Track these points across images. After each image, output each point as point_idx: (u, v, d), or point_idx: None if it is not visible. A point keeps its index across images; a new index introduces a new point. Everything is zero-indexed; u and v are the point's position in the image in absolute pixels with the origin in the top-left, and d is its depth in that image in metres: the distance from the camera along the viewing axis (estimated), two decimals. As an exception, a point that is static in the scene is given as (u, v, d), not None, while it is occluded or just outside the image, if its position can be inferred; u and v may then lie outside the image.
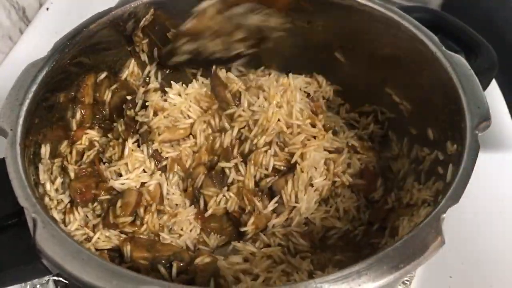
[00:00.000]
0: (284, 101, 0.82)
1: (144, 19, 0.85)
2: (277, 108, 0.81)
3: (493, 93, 1.03)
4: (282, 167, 0.79)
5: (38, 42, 1.18)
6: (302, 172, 0.77)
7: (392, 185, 0.84)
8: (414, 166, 0.81)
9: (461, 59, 0.73)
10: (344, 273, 0.51)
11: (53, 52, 0.74)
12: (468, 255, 0.83)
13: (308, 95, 0.90)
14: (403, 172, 0.83)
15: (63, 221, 0.75)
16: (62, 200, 0.76)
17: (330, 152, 0.83)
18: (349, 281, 0.50)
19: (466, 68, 0.71)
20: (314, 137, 0.82)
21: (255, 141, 0.79)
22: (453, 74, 0.71)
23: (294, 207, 0.78)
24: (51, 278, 0.79)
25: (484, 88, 0.75)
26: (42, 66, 0.71)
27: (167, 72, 0.95)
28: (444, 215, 0.56)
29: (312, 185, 0.79)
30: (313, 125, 0.83)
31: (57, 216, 0.73)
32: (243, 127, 0.81)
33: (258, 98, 0.83)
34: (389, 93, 0.87)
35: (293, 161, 0.79)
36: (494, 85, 1.03)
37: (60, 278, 0.79)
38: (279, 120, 0.80)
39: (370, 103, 0.91)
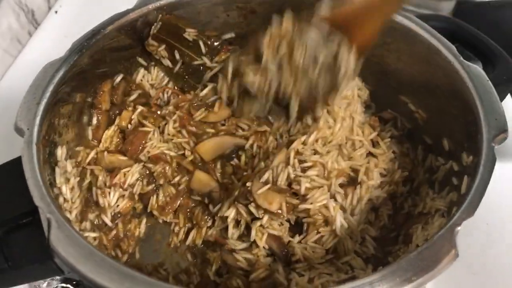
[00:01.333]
0: (348, 115, 0.83)
1: (153, 27, 0.85)
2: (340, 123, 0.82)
3: (506, 102, 1.01)
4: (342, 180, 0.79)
5: (47, 45, 1.19)
6: (366, 192, 0.78)
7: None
8: (428, 175, 0.81)
9: (479, 69, 0.72)
10: (357, 284, 0.51)
11: (71, 52, 0.74)
12: (479, 266, 0.82)
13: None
14: (418, 181, 0.83)
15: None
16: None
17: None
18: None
19: (484, 79, 0.70)
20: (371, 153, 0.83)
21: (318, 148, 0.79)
22: (471, 85, 0.70)
23: None
24: (60, 285, 0.79)
25: (501, 99, 0.74)
26: (60, 66, 0.72)
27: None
28: (459, 228, 0.55)
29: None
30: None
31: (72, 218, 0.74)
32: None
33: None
34: (405, 101, 0.86)
35: (359, 179, 0.79)
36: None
37: (69, 286, 0.79)
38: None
39: (392, 110, 0.90)
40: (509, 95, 0.98)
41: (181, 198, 0.84)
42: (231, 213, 0.76)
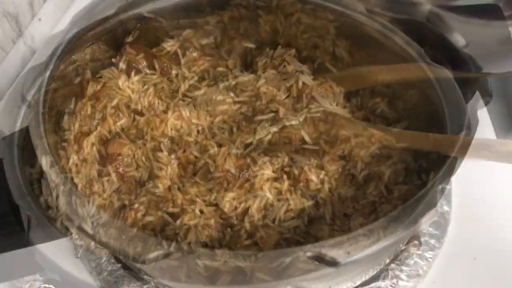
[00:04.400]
0: None
1: (131, 35, 0.88)
2: None
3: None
4: None
5: (30, 53, 1.19)
6: None
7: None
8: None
9: (445, 70, 0.75)
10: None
11: (52, 57, 0.76)
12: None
13: None
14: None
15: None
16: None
17: None
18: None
19: (449, 80, 0.74)
20: None
21: None
22: (437, 86, 0.74)
23: None
24: (42, 285, 0.80)
25: (468, 100, 0.78)
26: (41, 71, 0.74)
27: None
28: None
29: None
30: None
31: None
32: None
33: None
34: (377, 102, 0.89)
35: None
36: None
37: (51, 286, 0.80)
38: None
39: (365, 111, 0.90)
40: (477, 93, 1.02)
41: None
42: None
